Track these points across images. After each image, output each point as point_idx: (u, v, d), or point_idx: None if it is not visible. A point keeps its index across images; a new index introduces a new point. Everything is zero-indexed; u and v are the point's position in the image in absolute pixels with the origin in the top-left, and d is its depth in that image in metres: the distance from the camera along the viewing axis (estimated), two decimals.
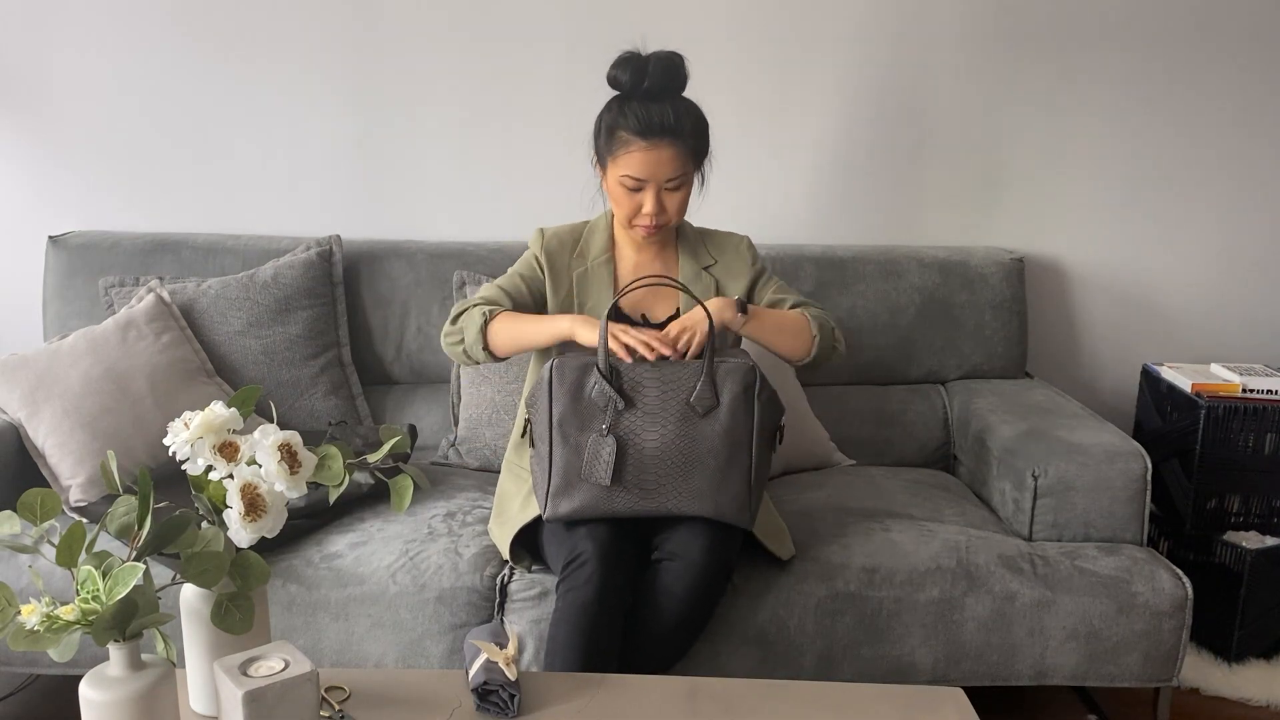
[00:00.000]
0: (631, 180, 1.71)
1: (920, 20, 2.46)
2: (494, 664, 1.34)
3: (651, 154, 1.69)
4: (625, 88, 1.72)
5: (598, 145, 1.77)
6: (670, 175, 1.71)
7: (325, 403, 2.27)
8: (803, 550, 1.84)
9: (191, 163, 2.51)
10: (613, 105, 1.74)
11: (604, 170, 1.77)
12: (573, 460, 1.62)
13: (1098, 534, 1.95)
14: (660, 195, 1.72)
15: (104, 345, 2.07)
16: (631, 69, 1.70)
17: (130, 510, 1.15)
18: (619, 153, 1.71)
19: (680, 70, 1.72)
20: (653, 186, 1.72)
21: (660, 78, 1.70)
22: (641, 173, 1.70)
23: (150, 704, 1.11)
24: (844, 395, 2.41)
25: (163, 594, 1.16)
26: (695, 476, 1.62)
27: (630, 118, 1.70)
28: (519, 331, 1.73)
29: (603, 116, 1.76)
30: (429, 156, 2.52)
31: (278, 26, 2.44)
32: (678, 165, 1.71)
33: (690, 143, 1.72)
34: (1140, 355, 2.61)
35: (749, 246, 1.89)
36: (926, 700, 1.39)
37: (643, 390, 1.61)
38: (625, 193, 1.73)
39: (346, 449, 1.26)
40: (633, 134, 1.69)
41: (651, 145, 1.69)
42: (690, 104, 1.74)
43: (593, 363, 1.61)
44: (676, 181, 1.73)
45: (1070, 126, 2.52)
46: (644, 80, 1.70)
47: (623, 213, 1.76)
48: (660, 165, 1.70)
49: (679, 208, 1.76)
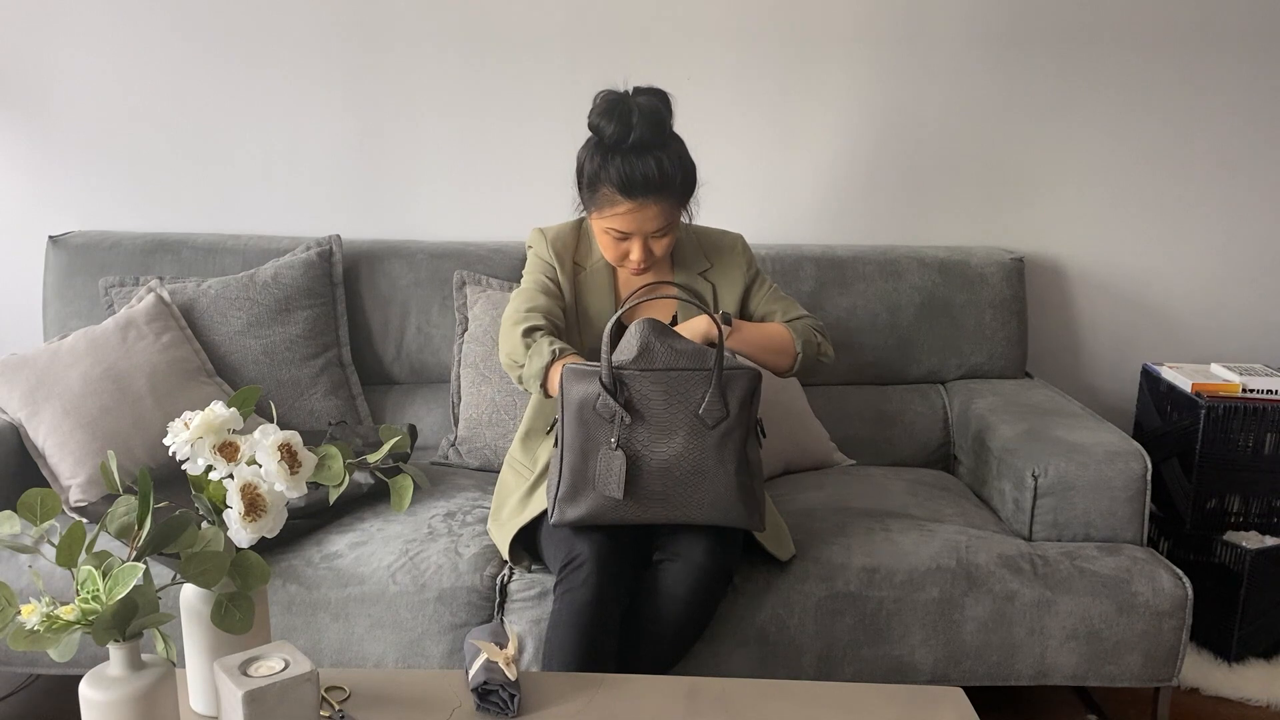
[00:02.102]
0: (617, 233, 1.70)
1: (921, 21, 2.46)
2: (494, 664, 1.34)
3: (637, 212, 1.66)
4: (608, 140, 1.65)
5: (580, 190, 1.73)
6: (656, 228, 1.69)
7: (325, 403, 2.27)
8: (803, 550, 1.84)
9: (191, 163, 2.51)
10: (595, 155, 1.67)
11: (589, 213, 1.75)
12: (581, 469, 1.61)
13: (1098, 534, 1.95)
14: (647, 243, 1.71)
15: (104, 345, 2.07)
16: (616, 121, 1.63)
17: (130, 510, 1.15)
18: (604, 208, 1.68)
19: (665, 120, 1.66)
20: (639, 238, 1.70)
21: (646, 131, 1.63)
22: (626, 227, 1.68)
23: (150, 704, 1.11)
24: (844, 395, 2.41)
25: (163, 594, 1.16)
26: (705, 487, 1.60)
27: (614, 173, 1.64)
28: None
29: (584, 164, 1.70)
30: (429, 156, 2.52)
31: (278, 27, 2.44)
32: (663, 218, 1.69)
33: (677, 194, 1.69)
34: (1140, 355, 2.61)
35: (744, 248, 1.88)
36: (926, 700, 1.39)
37: (650, 404, 1.58)
38: (611, 240, 1.72)
39: (346, 449, 1.26)
40: (617, 191, 1.65)
41: (638, 205, 1.66)
42: (674, 151, 1.67)
43: (597, 373, 1.57)
44: (663, 231, 1.71)
45: (1070, 127, 2.52)
46: (629, 135, 1.63)
47: (609, 255, 1.75)
48: (645, 220, 1.68)
49: (666, 248, 1.75)
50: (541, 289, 1.79)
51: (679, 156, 1.68)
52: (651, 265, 1.75)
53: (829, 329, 2.38)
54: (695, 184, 1.73)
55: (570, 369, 1.59)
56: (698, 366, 1.58)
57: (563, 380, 1.59)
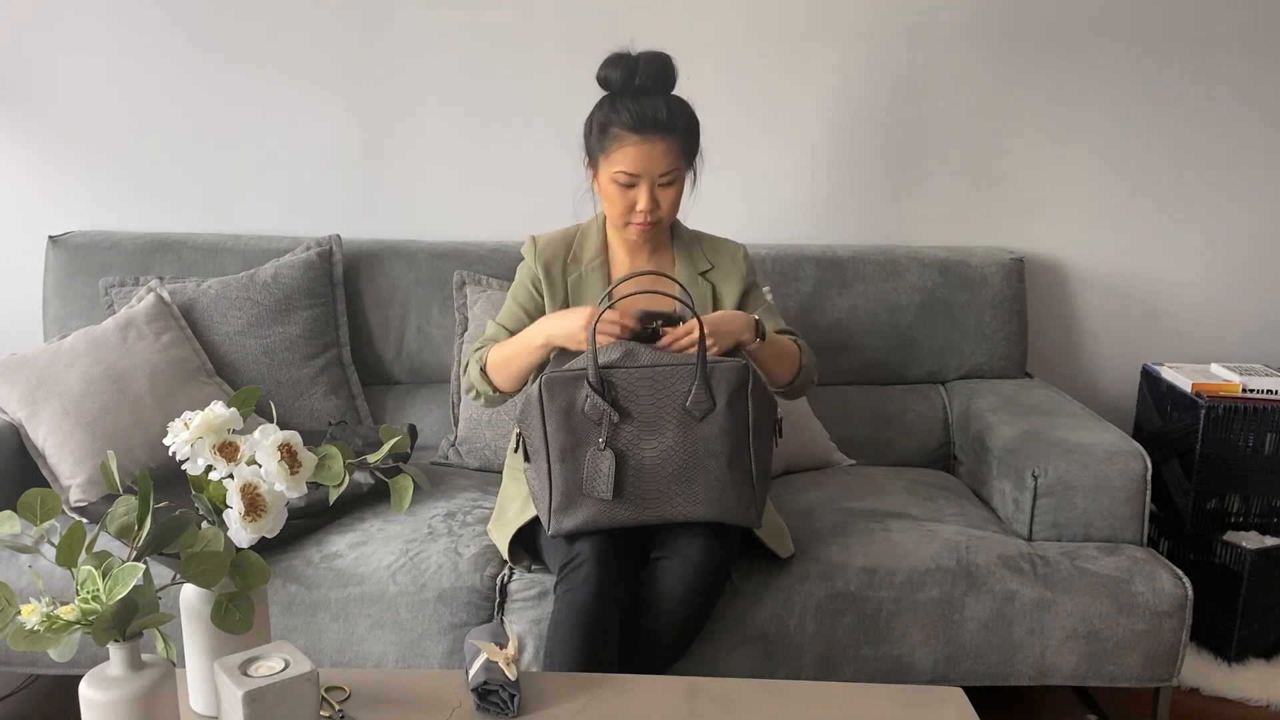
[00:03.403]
0: (625, 176, 1.71)
1: (921, 20, 2.46)
2: (494, 664, 1.34)
3: (645, 148, 1.69)
4: (616, 86, 1.71)
5: (589, 144, 1.76)
6: (664, 170, 1.71)
7: (325, 403, 2.27)
8: (803, 550, 1.84)
9: (192, 163, 2.51)
10: (604, 103, 1.73)
11: (595, 170, 1.77)
12: (572, 476, 1.61)
13: (1098, 534, 1.95)
14: (654, 191, 1.72)
15: (104, 345, 2.07)
16: (622, 67, 1.70)
17: (130, 510, 1.15)
18: (611, 149, 1.71)
19: (670, 68, 1.72)
20: (646, 182, 1.71)
21: (651, 75, 1.69)
22: (635, 167, 1.70)
23: (150, 704, 1.10)
24: (844, 395, 2.41)
25: (163, 594, 1.16)
26: (697, 482, 1.61)
27: (623, 113, 1.69)
28: (507, 362, 1.76)
29: (594, 115, 1.75)
30: (429, 156, 2.52)
31: (278, 27, 2.44)
32: (671, 160, 1.71)
33: (683, 137, 1.72)
34: (1140, 355, 2.61)
35: (745, 256, 1.88)
36: (926, 700, 1.39)
37: (637, 400, 1.59)
38: (618, 190, 1.73)
39: (346, 449, 1.26)
40: (626, 129, 1.69)
41: (645, 140, 1.68)
42: (682, 101, 1.73)
43: (583, 376, 1.59)
44: (670, 176, 1.72)
45: (1070, 126, 2.52)
46: (635, 78, 1.69)
47: (615, 211, 1.75)
48: (654, 160, 1.69)
49: (672, 204, 1.75)
50: (510, 321, 1.84)
51: (685, 106, 1.73)
52: (656, 224, 1.75)
53: (829, 329, 2.40)
54: (699, 141, 1.77)
55: (550, 378, 1.61)
56: (683, 361, 1.61)
57: (543, 392, 1.60)
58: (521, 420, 1.66)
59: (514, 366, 1.76)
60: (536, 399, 1.61)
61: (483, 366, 1.79)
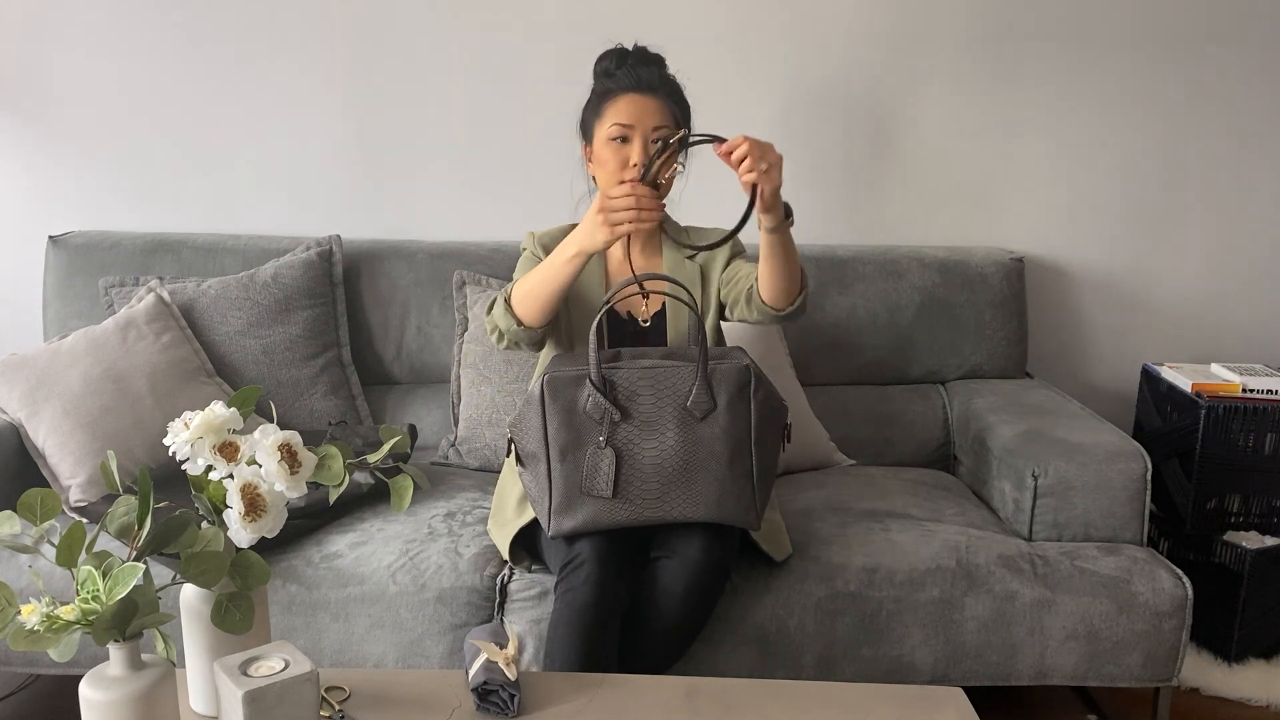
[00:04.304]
0: (619, 128, 1.73)
1: (920, 20, 2.46)
2: (494, 664, 1.34)
3: (639, 100, 1.74)
4: (613, 66, 1.79)
5: (585, 118, 1.81)
6: (656, 124, 1.73)
7: (325, 403, 2.27)
8: (802, 550, 1.84)
9: (192, 163, 2.51)
10: (600, 76, 1.81)
11: (591, 144, 1.79)
12: (572, 476, 1.61)
13: (1098, 534, 1.95)
14: (647, 147, 1.73)
15: (104, 345, 2.07)
16: (617, 53, 1.79)
17: (130, 510, 1.15)
18: (606, 108, 1.76)
19: (660, 58, 1.80)
20: (639, 134, 1.73)
21: (641, 54, 1.79)
22: (629, 118, 1.73)
23: (150, 704, 1.11)
24: (844, 395, 2.41)
25: (163, 594, 1.16)
26: (697, 482, 1.61)
27: (619, 78, 1.77)
28: (536, 289, 1.69)
29: (591, 93, 1.82)
30: (429, 156, 2.52)
31: (278, 27, 2.44)
32: (665, 117, 1.75)
33: (674, 103, 1.77)
34: (1140, 355, 2.61)
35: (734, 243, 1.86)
36: (926, 700, 1.39)
37: (638, 399, 1.60)
38: (613, 151, 1.74)
39: (346, 449, 1.26)
40: (621, 89, 1.76)
41: (640, 94, 1.75)
42: (672, 77, 1.80)
43: (585, 376, 1.60)
44: (662, 134, 1.73)
45: (1070, 126, 2.52)
46: (627, 55, 1.79)
47: (608, 173, 1.75)
48: (647, 113, 1.74)
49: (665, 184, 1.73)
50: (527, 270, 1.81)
51: (676, 81, 1.81)
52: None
53: (829, 329, 2.40)
54: (689, 114, 1.82)
55: (552, 378, 1.61)
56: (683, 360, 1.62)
57: (545, 392, 1.60)
58: (516, 424, 1.66)
59: (544, 291, 1.69)
60: (538, 399, 1.61)
61: (508, 298, 1.74)
